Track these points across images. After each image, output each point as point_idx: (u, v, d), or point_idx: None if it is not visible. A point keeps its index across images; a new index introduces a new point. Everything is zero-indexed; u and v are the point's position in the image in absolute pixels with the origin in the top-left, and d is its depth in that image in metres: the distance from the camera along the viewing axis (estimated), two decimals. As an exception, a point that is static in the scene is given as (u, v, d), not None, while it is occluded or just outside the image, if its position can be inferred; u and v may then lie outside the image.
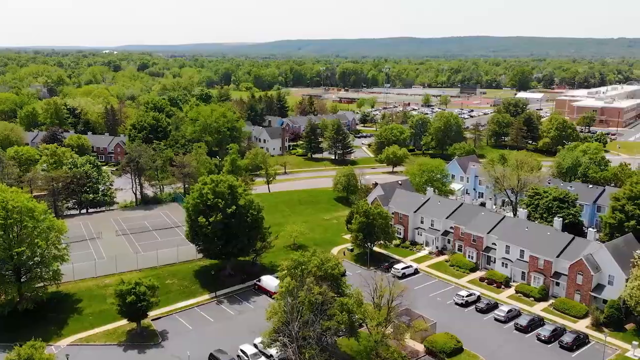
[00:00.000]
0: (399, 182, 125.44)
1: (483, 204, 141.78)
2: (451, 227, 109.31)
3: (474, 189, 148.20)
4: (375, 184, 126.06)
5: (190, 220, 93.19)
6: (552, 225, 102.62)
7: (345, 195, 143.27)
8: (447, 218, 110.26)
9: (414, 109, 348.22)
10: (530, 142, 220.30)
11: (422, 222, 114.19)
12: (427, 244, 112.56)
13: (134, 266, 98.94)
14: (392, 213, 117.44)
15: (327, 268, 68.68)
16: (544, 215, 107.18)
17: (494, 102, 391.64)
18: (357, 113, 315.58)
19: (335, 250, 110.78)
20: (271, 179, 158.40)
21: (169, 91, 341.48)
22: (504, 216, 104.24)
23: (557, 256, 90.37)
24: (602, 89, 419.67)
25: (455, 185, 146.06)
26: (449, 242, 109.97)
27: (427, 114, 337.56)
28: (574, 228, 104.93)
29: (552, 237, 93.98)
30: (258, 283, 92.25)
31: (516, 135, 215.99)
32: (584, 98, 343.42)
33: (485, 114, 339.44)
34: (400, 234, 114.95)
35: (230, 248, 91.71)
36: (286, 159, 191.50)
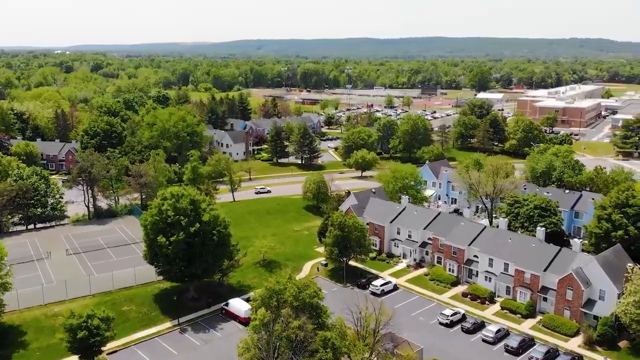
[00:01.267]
0: (373, 190, 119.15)
1: (457, 211, 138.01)
2: (429, 238, 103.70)
3: (447, 195, 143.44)
4: (348, 193, 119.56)
5: (148, 240, 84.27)
6: (534, 235, 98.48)
7: (316, 204, 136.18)
8: (424, 228, 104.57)
9: (377, 111, 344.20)
10: (496, 143, 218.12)
11: (398, 233, 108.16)
12: (404, 256, 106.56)
13: (87, 291, 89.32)
14: (367, 224, 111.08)
15: (305, 297, 61.37)
16: (525, 224, 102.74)
17: (455, 102, 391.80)
18: (321, 115, 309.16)
19: (308, 266, 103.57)
20: (236, 186, 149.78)
21: (124, 93, 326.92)
22: (485, 227, 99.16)
23: (545, 270, 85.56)
24: (561, 89, 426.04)
25: (428, 191, 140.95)
26: (427, 254, 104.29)
27: (390, 115, 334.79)
28: (556, 237, 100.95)
29: (537, 249, 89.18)
30: (226, 308, 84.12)
31: (483, 137, 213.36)
32: (545, 98, 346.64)
33: (448, 115, 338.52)
34: (375, 246, 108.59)
35: (193, 269, 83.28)
36: (251, 164, 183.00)
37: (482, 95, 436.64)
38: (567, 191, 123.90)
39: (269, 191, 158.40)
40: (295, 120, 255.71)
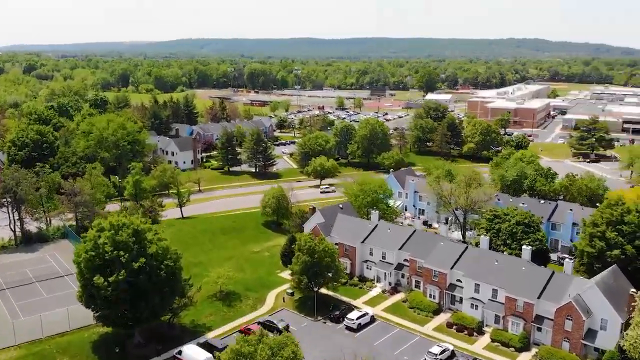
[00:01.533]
0: (340, 205, 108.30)
1: (426, 223, 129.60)
2: (406, 260, 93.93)
3: (414, 206, 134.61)
4: (313, 209, 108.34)
5: (82, 280, 70.27)
6: (518, 254, 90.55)
7: (276, 220, 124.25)
8: (400, 249, 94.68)
9: (328, 112, 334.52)
10: (454, 147, 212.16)
11: (371, 254, 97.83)
12: (378, 280, 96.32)
13: (11, 340, 74.43)
14: (336, 244, 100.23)
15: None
16: (508, 241, 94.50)
17: (406, 104, 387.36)
18: (272, 117, 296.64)
19: (272, 295, 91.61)
20: (184, 200, 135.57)
21: (58, 97, 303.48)
22: (467, 246, 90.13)
23: (538, 297, 77.10)
24: (509, 89, 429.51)
25: (393, 202, 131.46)
26: (403, 276, 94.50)
27: (343, 117, 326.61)
28: (540, 255, 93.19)
29: (528, 273, 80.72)
30: (179, 356, 71.17)
31: (441, 141, 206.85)
32: (495, 99, 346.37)
33: (400, 117, 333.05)
34: (346, 269, 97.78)
35: (138, 312, 69.85)
36: (200, 173, 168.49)
37: (430, 96, 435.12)
38: (542, 201, 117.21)
39: (334, 190, 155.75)
40: (247, 125, 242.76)
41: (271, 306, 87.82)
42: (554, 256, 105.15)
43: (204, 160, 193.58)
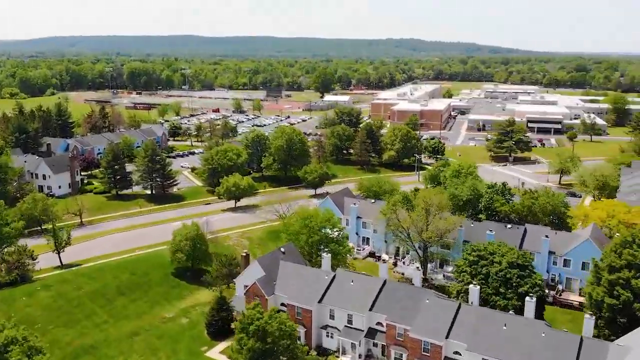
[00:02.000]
0: (282, 249, 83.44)
1: (373, 255, 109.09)
2: (379, 324, 71.80)
3: (357, 234, 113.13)
4: (247, 258, 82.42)
5: None
6: (515, 305, 72.20)
7: (191, 266, 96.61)
8: (371, 309, 72.29)
9: (226, 116, 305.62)
10: (373, 155, 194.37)
11: (332, 318, 74.51)
12: (343, 352, 73.25)
13: None
14: (282, 304, 75.95)
15: None
16: (501, 290, 75.46)
17: (307, 106, 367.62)
18: (162, 123, 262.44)
19: (203, 394, 65.22)
20: (64, 243, 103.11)
21: None
22: (459, 304, 69.65)
23: (574, 376, 58.39)
24: (406, 89, 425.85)
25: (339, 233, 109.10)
26: (376, 345, 72.30)
27: (242, 121, 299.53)
28: (537, 303, 75.29)
29: (550, 341, 61.97)
30: None
31: (360, 150, 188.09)
32: (398, 101, 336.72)
33: (303, 120, 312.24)
34: (300, 339, 73.58)
35: None
36: (81, 201, 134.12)
37: (328, 97, 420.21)
38: (508, 226, 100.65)
39: (327, 192, 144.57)
40: (135, 134, 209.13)
41: (206, 414, 61.67)
42: (589, 323, 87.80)
43: (85, 182, 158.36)
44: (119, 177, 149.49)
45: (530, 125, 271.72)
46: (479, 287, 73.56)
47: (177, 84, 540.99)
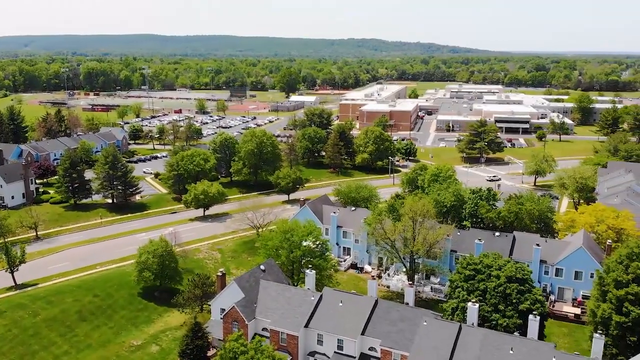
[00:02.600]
0: (262, 267, 76.18)
1: (355, 266, 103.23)
2: (372, 349, 65.61)
3: (337, 244, 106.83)
4: (223, 276, 74.78)
5: None
6: (515, 323, 67.34)
7: (159, 285, 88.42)
8: (363, 334, 66.01)
9: (189, 117, 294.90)
10: (346, 158, 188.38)
11: (320, 343, 67.84)
12: (333, 381, 66.77)
13: None
14: (264, 329, 69.01)
15: None
16: (500, 307, 70.30)
17: (273, 106, 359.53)
18: (122, 125, 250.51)
19: None
20: (17, 261, 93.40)
21: None
22: (460, 326, 64.03)
23: (592, 406, 53.43)
24: (373, 90, 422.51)
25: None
26: (369, 372, 66.06)
27: (206, 122, 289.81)
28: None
29: (563, 365, 56.90)
30: None
31: (333, 152, 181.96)
32: (366, 101, 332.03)
33: (270, 121, 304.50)
34: (284, 369, 66.80)
35: None
36: (36, 212, 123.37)
37: (294, 98, 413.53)
38: (497, 234, 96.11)
39: (499, 179, 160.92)
40: (94, 138, 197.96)
41: None
42: (599, 342, 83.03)
43: (40, 191, 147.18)
44: (77, 185, 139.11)
45: (498, 125, 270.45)
46: (477, 305, 68.17)
47: (136, 84, 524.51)
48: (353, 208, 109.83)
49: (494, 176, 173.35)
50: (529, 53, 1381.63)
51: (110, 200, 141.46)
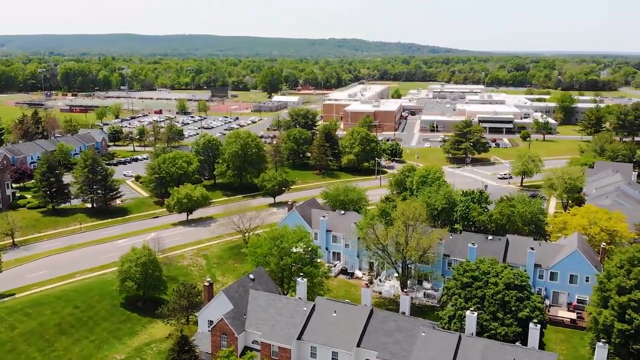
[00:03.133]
0: (251, 276, 73.03)
1: (345, 271, 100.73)
2: (368, 361, 62.96)
3: (327, 249, 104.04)
4: (211, 286, 71.47)
5: None
6: (514, 331, 65.20)
7: (142, 294, 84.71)
8: (358, 346, 63.32)
9: (169, 118, 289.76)
10: (332, 159, 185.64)
11: (314, 357, 64.98)
12: (327, 395, 63.94)
13: None
14: (256, 342, 65.94)
15: None
16: (499, 315, 68.16)
17: (256, 107, 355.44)
18: (101, 126, 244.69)
19: None
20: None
21: None
22: (460, 336, 61.69)
23: (600, 419, 51.38)
24: (356, 90, 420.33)
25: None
26: (365, 385, 63.37)
27: (188, 123, 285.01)
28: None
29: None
30: None
31: (319, 154, 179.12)
32: (349, 102, 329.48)
33: (253, 122, 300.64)
34: (276, 383, 63.83)
35: None
36: (12, 218, 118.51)
37: (277, 98, 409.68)
38: (490, 237, 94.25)
39: (510, 177, 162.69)
40: (72, 140, 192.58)
41: None
42: (602, 351, 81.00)
43: (17, 196, 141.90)
44: (55, 189, 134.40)
45: (482, 125, 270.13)
46: (476, 314, 65.91)
47: (115, 85, 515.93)
48: (342, 212, 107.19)
49: (505, 174, 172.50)
50: (508, 53, 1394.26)
51: (89, 205, 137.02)
